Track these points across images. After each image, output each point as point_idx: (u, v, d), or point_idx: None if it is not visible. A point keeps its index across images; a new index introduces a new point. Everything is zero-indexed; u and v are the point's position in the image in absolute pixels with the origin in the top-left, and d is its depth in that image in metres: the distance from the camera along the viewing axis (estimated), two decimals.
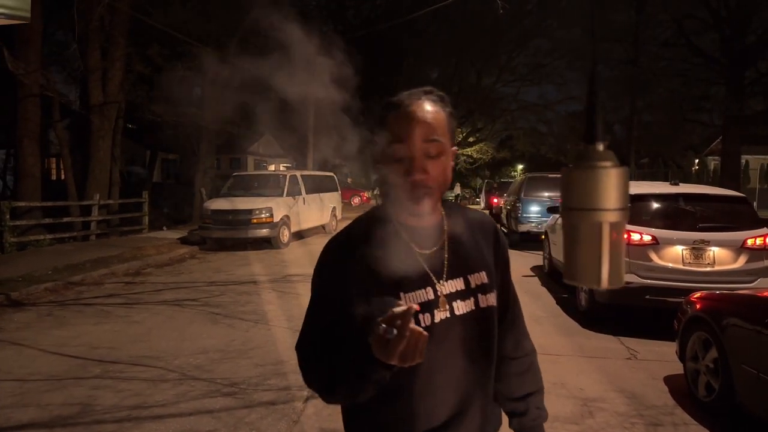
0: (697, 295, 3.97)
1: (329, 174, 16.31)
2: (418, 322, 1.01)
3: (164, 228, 15.00)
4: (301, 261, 9.93)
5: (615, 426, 3.35)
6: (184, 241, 12.14)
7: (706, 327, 3.61)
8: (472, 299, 1.11)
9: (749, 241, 5.17)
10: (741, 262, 5.18)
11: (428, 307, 1.06)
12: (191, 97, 19.50)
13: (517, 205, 12.13)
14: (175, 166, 31.74)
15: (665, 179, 6.31)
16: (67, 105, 13.85)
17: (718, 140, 23.84)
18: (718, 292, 3.95)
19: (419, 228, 1.11)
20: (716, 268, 5.18)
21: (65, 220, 11.62)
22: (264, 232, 11.24)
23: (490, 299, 1.13)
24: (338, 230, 1.18)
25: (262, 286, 7.63)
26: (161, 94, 15.73)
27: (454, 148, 1.13)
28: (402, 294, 1.05)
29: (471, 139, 36.13)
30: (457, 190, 29.97)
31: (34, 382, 4.03)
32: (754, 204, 27.75)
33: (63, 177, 14.22)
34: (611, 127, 34.15)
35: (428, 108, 1.06)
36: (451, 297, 1.09)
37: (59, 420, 3.41)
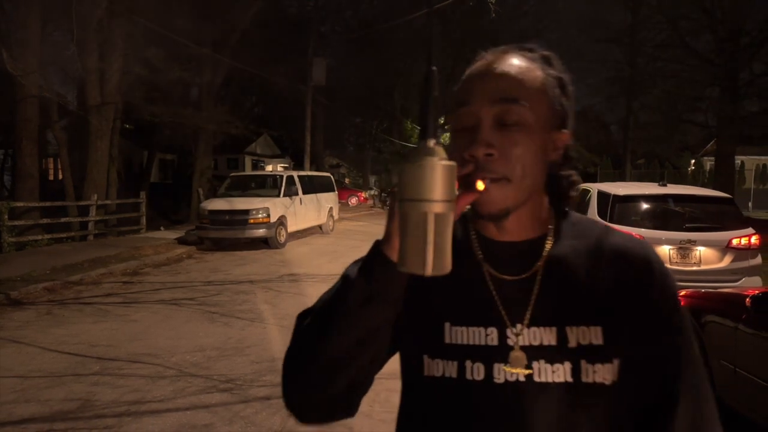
0: (681, 293, 4.09)
1: (326, 174, 16.42)
2: (462, 373, 0.74)
3: (162, 228, 15.09)
4: (298, 261, 10.03)
5: None
6: (181, 241, 12.23)
7: None
8: (568, 365, 0.71)
9: (734, 241, 5.30)
10: (726, 261, 5.31)
11: (484, 355, 0.74)
12: (188, 97, 19.59)
13: None
14: (172, 166, 31.83)
15: (662, 180, 6.43)
16: (64, 106, 13.92)
17: (714, 141, 24.02)
18: (701, 290, 4.07)
19: (501, 243, 0.78)
20: (702, 267, 5.31)
21: (63, 220, 11.71)
22: (261, 232, 11.33)
23: (603, 372, 0.71)
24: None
25: (259, 286, 7.73)
26: (159, 95, 15.83)
27: (564, 132, 0.77)
28: (448, 326, 0.76)
29: None
30: None
31: (34, 379, 4.13)
32: (749, 204, 27.86)
33: (61, 177, 14.31)
34: (607, 127, 34.38)
35: (513, 61, 0.74)
36: (532, 353, 0.72)
37: (60, 415, 3.51)
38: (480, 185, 0.69)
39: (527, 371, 0.72)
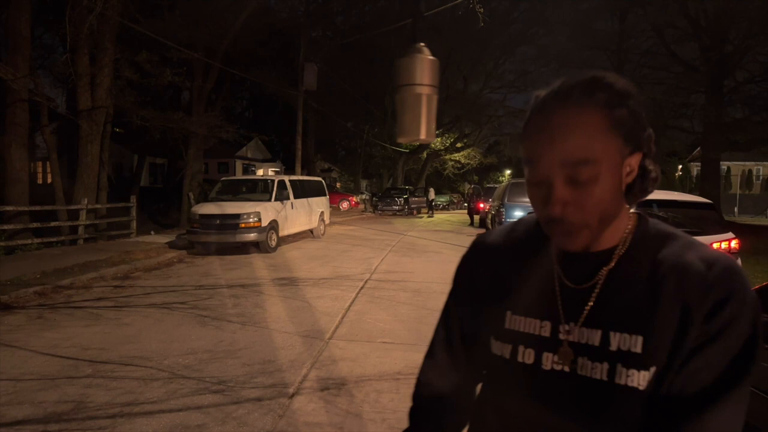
0: None
1: (317, 179, 16.48)
2: (515, 355, 0.86)
3: (152, 232, 15.07)
4: (289, 265, 10.08)
5: None
6: (172, 245, 12.24)
7: None
8: (606, 365, 0.78)
9: (714, 245, 5.44)
10: None
11: (536, 343, 0.85)
12: (179, 101, 19.57)
13: (501, 210, 12.48)
14: (163, 170, 31.73)
15: None
16: (54, 109, 13.88)
17: (700, 147, 24.38)
18: None
19: (573, 254, 0.84)
20: None
21: (53, 224, 11.67)
22: (252, 236, 11.38)
23: (638, 378, 0.76)
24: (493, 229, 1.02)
25: (250, 290, 7.78)
26: (150, 99, 15.83)
27: (636, 155, 0.80)
28: (509, 313, 0.88)
29: (459, 145, 36.59)
30: (431, 195, 27.93)
31: (27, 382, 4.16)
32: (735, 209, 28.10)
33: (50, 181, 14.24)
34: None
35: (575, 115, 0.75)
36: (578, 350, 0.81)
37: (54, 416, 3.56)
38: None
39: (571, 365, 0.81)
